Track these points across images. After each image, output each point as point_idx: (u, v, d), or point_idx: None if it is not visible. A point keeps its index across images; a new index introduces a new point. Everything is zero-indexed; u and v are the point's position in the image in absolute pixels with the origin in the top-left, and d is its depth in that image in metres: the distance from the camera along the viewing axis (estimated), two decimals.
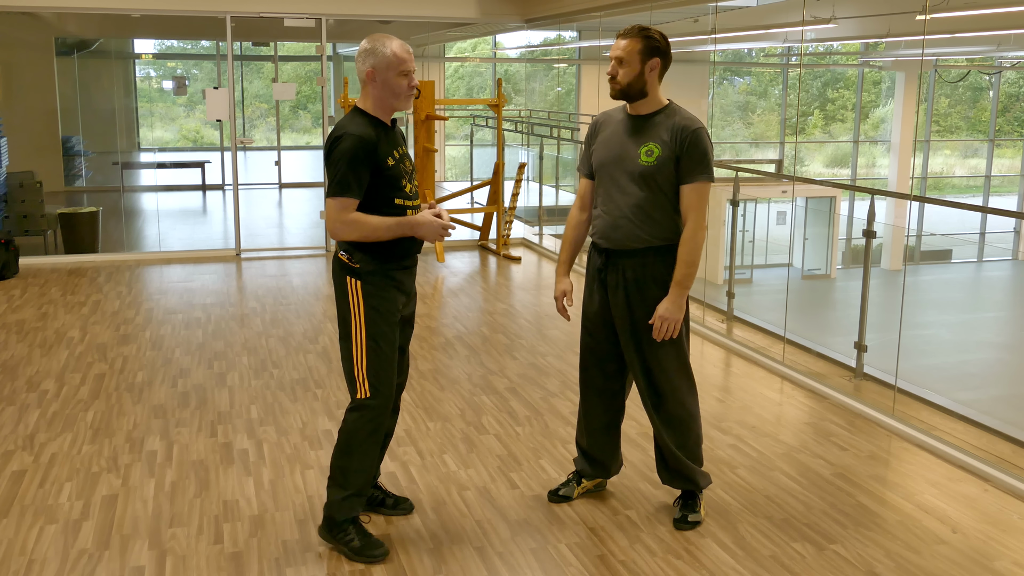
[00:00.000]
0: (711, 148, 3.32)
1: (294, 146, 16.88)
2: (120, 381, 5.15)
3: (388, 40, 3.11)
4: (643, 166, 3.31)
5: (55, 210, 9.44)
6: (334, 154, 3.07)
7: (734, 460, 4.13)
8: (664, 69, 3.34)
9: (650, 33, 3.30)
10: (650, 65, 3.29)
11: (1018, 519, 3.63)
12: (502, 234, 9.10)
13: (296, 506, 3.64)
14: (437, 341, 6.03)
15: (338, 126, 3.13)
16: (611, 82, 3.35)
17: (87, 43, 13.16)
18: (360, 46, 3.14)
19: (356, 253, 3.16)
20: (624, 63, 3.29)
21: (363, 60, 3.11)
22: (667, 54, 3.33)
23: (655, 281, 3.35)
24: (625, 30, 3.35)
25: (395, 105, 3.17)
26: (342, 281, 3.20)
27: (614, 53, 3.33)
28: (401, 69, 3.10)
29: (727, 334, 6.18)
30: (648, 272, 3.36)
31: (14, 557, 3.24)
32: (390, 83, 3.11)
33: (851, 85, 21.70)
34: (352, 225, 3.10)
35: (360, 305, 3.17)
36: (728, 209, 8.67)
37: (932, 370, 9.49)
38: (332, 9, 8.97)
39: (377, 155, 3.09)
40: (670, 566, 3.23)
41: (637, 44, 3.28)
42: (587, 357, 3.61)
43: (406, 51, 3.12)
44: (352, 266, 3.16)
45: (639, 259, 3.36)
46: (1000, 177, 20.92)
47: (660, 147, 3.29)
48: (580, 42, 15.27)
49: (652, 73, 3.30)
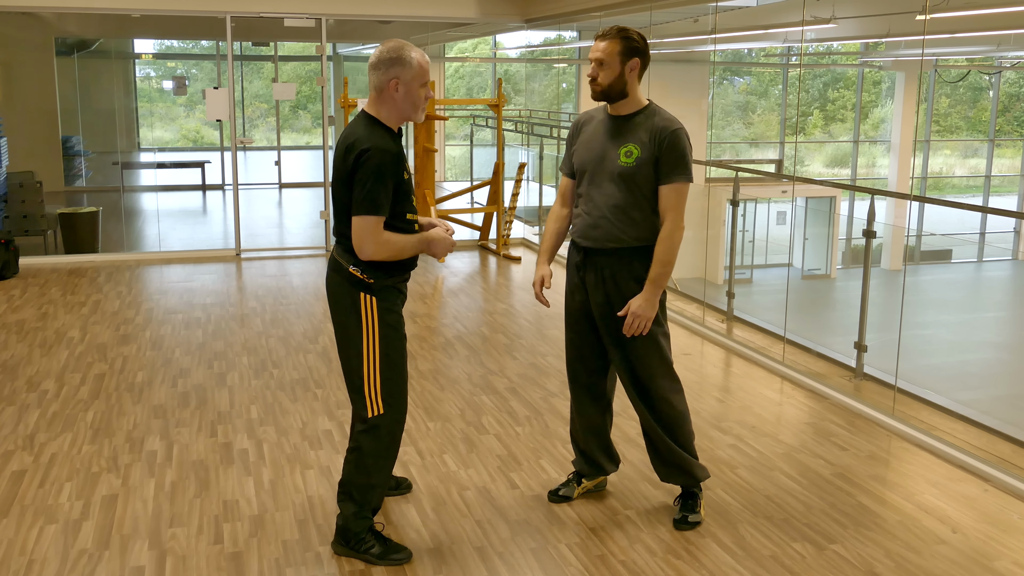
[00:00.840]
0: (690, 149, 3.32)
1: (294, 146, 16.87)
2: (120, 381, 5.16)
3: (412, 49, 3.01)
4: (622, 167, 3.32)
5: (55, 210, 9.45)
6: (363, 169, 2.92)
7: (734, 460, 4.13)
8: (643, 68, 3.35)
9: (629, 34, 3.31)
10: (630, 65, 3.30)
11: (1018, 519, 3.63)
12: (502, 234, 9.10)
13: (296, 506, 3.64)
14: (437, 341, 6.03)
15: (358, 137, 2.97)
16: (592, 84, 3.36)
17: (87, 43, 13.16)
18: (379, 53, 3.01)
19: (368, 269, 3.05)
20: (604, 64, 3.30)
21: (386, 69, 2.98)
22: (646, 54, 3.34)
23: (635, 280, 3.37)
24: (604, 31, 3.35)
25: (413, 116, 3.08)
26: (354, 298, 3.07)
27: (593, 55, 3.34)
28: (424, 80, 3.04)
29: (727, 334, 6.18)
30: (627, 271, 3.38)
31: (14, 557, 3.24)
32: (412, 94, 3.02)
33: (851, 85, 21.70)
34: (385, 245, 2.99)
35: (375, 322, 3.07)
36: (728, 209, 8.68)
37: (932, 370, 9.50)
38: (332, 9, 8.97)
39: (400, 169, 3.02)
40: (670, 566, 3.23)
41: (616, 45, 3.29)
42: (571, 353, 3.63)
43: (428, 61, 3.05)
44: (367, 282, 3.05)
45: (617, 258, 3.37)
46: (1000, 177, 20.92)
47: (639, 148, 3.30)
48: (580, 42, 15.27)
49: (632, 73, 3.31)
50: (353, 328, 3.09)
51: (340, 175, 3.02)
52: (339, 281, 3.11)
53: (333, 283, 3.14)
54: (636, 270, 3.36)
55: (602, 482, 3.80)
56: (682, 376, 3.59)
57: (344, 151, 3.00)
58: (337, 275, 3.12)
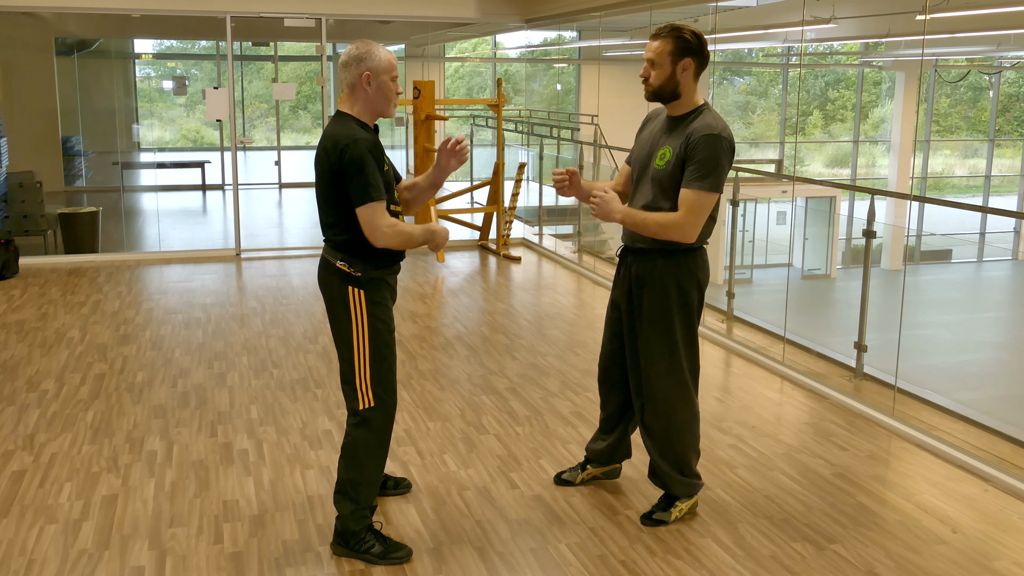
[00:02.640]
0: (723, 157, 3.21)
1: (294, 146, 16.87)
2: (120, 381, 5.15)
3: (376, 45, 3.13)
4: (656, 169, 3.31)
5: (55, 210, 9.44)
6: (349, 164, 3.00)
7: (734, 460, 4.13)
8: (700, 69, 3.28)
9: (682, 33, 3.24)
10: (682, 66, 3.24)
11: (1018, 519, 3.63)
12: (502, 234, 9.10)
13: (296, 506, 3.64)
14: (437, 341, 6.03)
15: (337, 135, 3.05)
16: (644, 84, 3.31)
17: (87, 43, 13.16)
18: (348, 52, 3.12)
19: (356, 262, 3.13)
20: (656, 64, 3.25)
21: (356, 65, 3.08)
22: (701, 53, 3.26)
23: (658, 282, 3.36)
24: (658, 30, 3.29)
25: (385, 110, 3.16)
26: (342, 292, 3.15)
27: (646, 55, 3.30)
28: (393, 74, 3.14)
29: (727, 334, 6.18)
30: (652, 272, 3.37)
31: (14, 557, 3.24)
32: (384, 87, 3.11)
33: (851, 85, 21.70)
34: (395, 229, 3.05)
35: (364, 315, 3.14)
36: (728, 209, 8.67)
37: (932, 370, 9.50)
38: (332, 9, 8.97)
39: (379, 156, 3.10)
40: (670, 566, 3.23)
41: (668, 45, 3.23)
42: (606, 334, 3.66)
43: (395, 57, 3.17)
44: (354, 275, 3.13)
45: (645, 258, 3.38)
46: (1000, 177, 20.92)
47: (672, 151, 3.27)
48: (580, 42, 15.28)
49: (685, 74, 3.25)
50: (344, 323, 3.17)
51: (322, 172, 3.11)
52: (328, 277, 3.21)
53: (323, 280, 3.24)
54: (662, 273, 3.35)
55: (611, 471, 3.86)
56: None
57: (323, 151, 3.08)
58: (326, 272, 3.22)
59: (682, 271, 3.34)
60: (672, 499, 3.55)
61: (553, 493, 3.78)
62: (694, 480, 3.56)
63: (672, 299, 3.36)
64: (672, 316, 3.37)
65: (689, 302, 3.38)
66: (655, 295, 3.37)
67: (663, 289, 3.35)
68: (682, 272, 3.35)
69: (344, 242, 3.14)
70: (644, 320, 3.41)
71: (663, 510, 3.53)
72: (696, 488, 3.57)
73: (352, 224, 3.09)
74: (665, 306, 3.36)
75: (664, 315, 3.37)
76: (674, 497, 3.55)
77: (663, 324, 3.38)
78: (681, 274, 3.35)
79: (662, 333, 3.38)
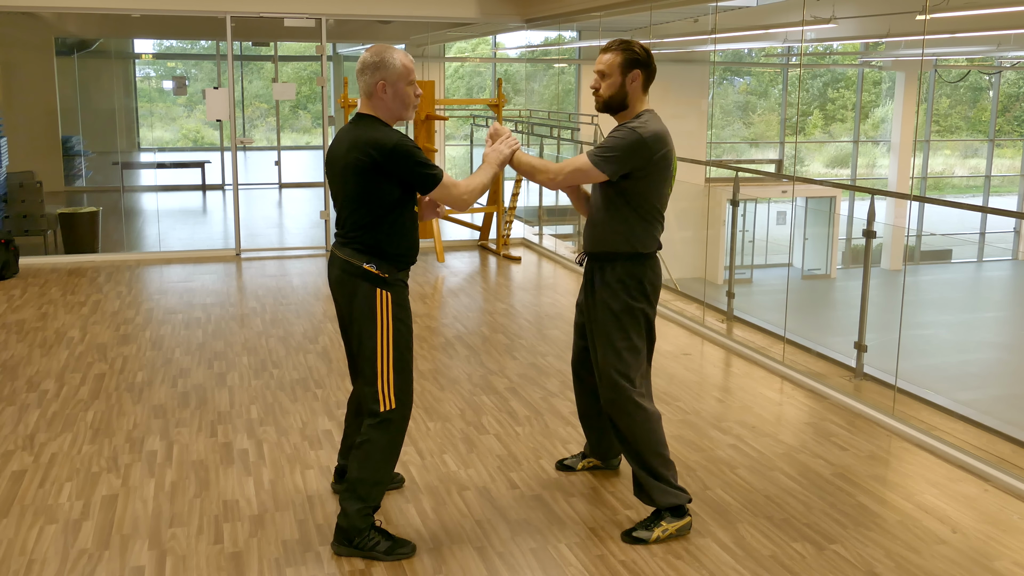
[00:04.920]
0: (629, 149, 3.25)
1: (294, 146, 16.87)
2: (120, 381, 5.16)
3: (393, 51, 3.12)
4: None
5: (55, 210, 9.45)
6: (404, 159, 3.05)
7: (734, 460, 4.13)
8: (648, 81, 3.38)
9: (630, 46, 3.35)
10: (631, 77, 3.33)
11: (1018, 519, 3.63)
12: (502, 234, 9.11)
13: (296, 506, 3.64)
14: (437, 341, 6.03)
15: (377, 138, 3.05)
16: (595, 95, 3.42)
17: (87, 43, 13.15)
18: (364, 59, 3.11)
19: (382, 263, 3.14)
20: (606, 76, 3.35)
21: (372, 73, 3.09)
22: (649, 65, 3.36)
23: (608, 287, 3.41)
24: (608, 44, 3.41)
25: (404, 115, 3.18)
26: (369, 294, 3.14)
27: (597, 67, 3.40)
28: (410, 79, 3.14)
29: (727, 334, 6.18)
30: (604, 277, 3.44)
31: (14, 557, 3.24)
32: (401, 93, 3.12)
33: (851, 85, 21.69)
34: (469, 190, 3.21)
35: (389, 317, 3.15)
36: (728, 209, 8.67)
37: (932, 370, 9.50)
38: (332, 9, 8.97)
39: None
40: (670, 566, 3.23)
41: (618, 57, 3.33)
42: (575, 336, 3.77)
43: (411, 61, 3.16)
44: (381, 276, 3.13)
45: (598, 264, 3.47)
46: (1000, 177, 20.92)
47: None
48: (580, 42, 15.27)
49: (633, 85, 3.34)
50: (368, 325, 3.15)
51: (360, 172, 3.07)
52: (352, 280, 3.17)
53: (345, 283, 3.19)
54: (617, 273, 3.40)
55: (610, 464, 3.94)
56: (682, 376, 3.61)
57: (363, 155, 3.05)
58: (347, 274, 3.18)
59: (630, 277, 3.39)
60: (658, 517, 3.43)
61: (553, 493, 3.78)
62: (673, 489, 3.43)
63: (618, 305, 3.40)
64: (617, 322, 3.40)
65: (634, 309, 3.40)
66: (602, 300, 3.43)
67: (613, 294, 3.41)
68: (630, 278, 3.39)
69: (372, 244, 3.14)
70: (596, 324, 3.47)
71: (646, 528, 3.41)
72: (680, 499, 3.43)
73: (385, 224, 3.12)
74: (610, 312, 3.41)
75: (610, 320, 3.41)
76: (660, 515, 3.43)
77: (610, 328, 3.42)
78: (629, 280, 3.39)
79: (608, 337, 3.42)
